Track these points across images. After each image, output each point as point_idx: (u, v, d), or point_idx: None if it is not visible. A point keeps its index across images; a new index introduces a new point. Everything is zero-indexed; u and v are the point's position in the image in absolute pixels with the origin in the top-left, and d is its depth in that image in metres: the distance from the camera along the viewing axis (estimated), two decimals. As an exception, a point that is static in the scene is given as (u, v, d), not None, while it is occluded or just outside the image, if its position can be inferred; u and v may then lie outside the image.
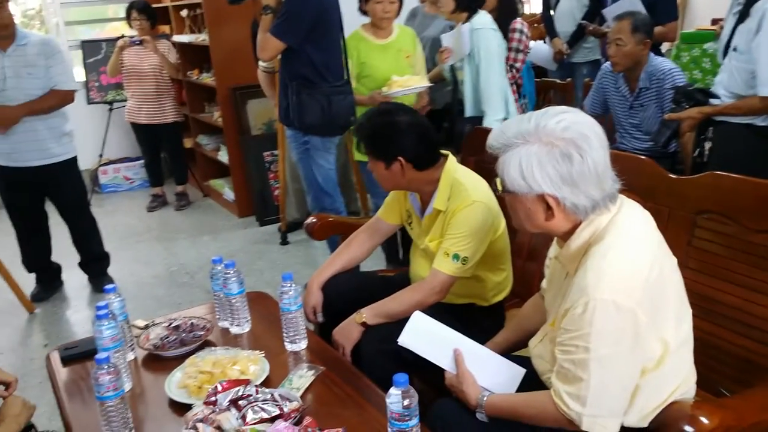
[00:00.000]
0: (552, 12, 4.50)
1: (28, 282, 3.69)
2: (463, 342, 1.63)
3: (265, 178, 4.73)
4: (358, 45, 3.28)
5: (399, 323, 1.70)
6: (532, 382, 1.56)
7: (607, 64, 3.18)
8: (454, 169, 1.99)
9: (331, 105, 3.10)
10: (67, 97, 3.42)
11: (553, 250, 1.60)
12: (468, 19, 3.01)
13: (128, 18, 4.89)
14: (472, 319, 2.03)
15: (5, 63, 3.26)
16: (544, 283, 1.69)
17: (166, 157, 5.37)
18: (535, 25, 5.18)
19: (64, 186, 3.55)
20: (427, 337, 1.65)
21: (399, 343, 1.65)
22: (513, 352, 1.76)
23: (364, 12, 3.28)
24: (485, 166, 2.18)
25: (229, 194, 5.05)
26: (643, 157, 2.07)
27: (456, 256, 1.91)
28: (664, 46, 4.51)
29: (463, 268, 1.92)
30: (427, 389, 1.83)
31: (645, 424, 1.40)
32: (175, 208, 5.25)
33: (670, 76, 2.96)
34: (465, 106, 3.10)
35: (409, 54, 3.37)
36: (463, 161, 2.08)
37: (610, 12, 3.79)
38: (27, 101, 3.28)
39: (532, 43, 4.65)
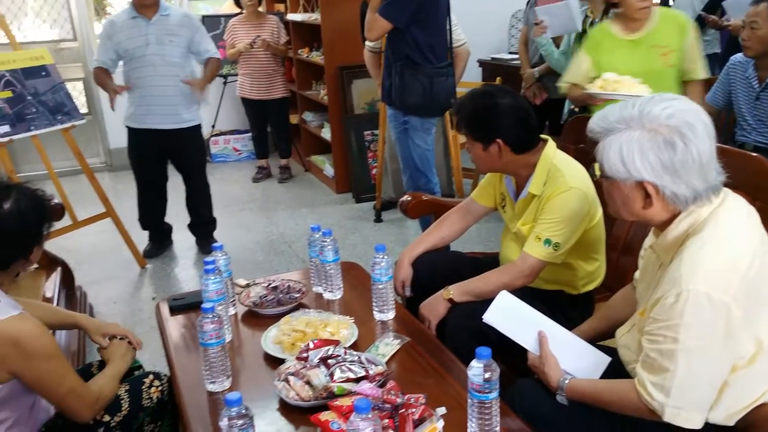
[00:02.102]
0: (671, 2, 4.31)
1: (141, 239, 3.98)
2: (549, 324, 1.64)
3: (364, 157, 4.84)
4: (601, 41, 2.81)
5: (485, 302, 1.73)
6: (616, 371, 1.55)
7: (738, 55, 3.03)
8: (552, 155, 1.98)
9: (433, 86, 3.13)
10: (218, 64, 3.76)
11: (648, 239, 1.57)
12: None
13: None
14: (560, 306, 2.02)
15: (149, 30, 3.52)
16: (636, 274, 1.66)
17: (272, 132, 5.59)
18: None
19: (189, 150, 3.80)
20: (512, 317, 1.67)
21: (484, 320, 1.67)
22: (598, 341, 1.75)
23: (613, 4, 2.83)
24: (585, 154, 2.16)
25: (329, 170, 5.21)
26: (753, 153, 1.97)
27: (548, 242, 1.91)
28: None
29: (554, 253, 1.92)
30: (506, 370, 1.86)
31: (731, 423, 1.37)
32: (278, 181, 5.47)
33: None
34: None
35: (669, 50, 2.73)
36: (562, 148, 2.06)
37: (730, 5, 3.59)
38: (177, 66, 3.59)
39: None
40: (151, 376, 1.80)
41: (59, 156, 4.69)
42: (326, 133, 5.15)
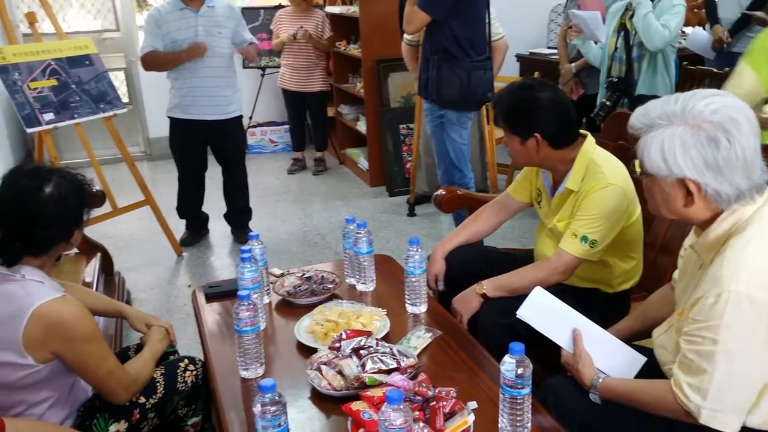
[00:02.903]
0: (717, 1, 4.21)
1: (178, 228, 4.05)
2: (583, 322, 1.62)
3: (399, 150, 4.84)
4: None
5: (518, 298, 1.71)
6: (651, 372, 1.53)
7: None
8: (591, 150, 1.95)
9: (471, 80, 3.12)
10: (257, 48, 3.93)
11: (689, 239, 1.54)
12: None
13: None
14: (595, 304, 1.99)
15: (198, 22, 3.60)
16: (675, 274, 1.63)
17: (309, 124, 5.62)
18: (695, 10, 4.86)
19: (230, 140, 3.86)
20: (546, 313, 1.65)
21: (517, 316, 1.66)
22: (634, 341, 1.72)
23: None
24: (624, 150, 2.12)
25: (363, 163, 5.22)
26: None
27: (584, 238, 1.88)
28: None
29: (590, 251, 1.89)
30: (539, 368, 1.84)
31: (769, 428, 1.34)
32: (313, 173, 5.50)
33: None
34: (638, 83, 3.07)
35: None
36: (601, 144, 2.03)
37: None
38: (223, 57, 3.69)
39: (689, 29, 4.39)
40: (186, 361, 1.83)
41: (100, 144, 4.79)
42: (362, 126, 5.16)
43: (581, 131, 2.00)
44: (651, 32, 3.07)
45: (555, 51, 4.62)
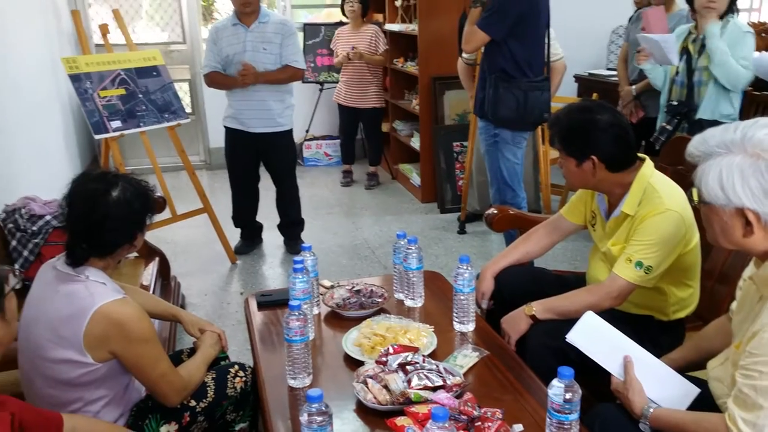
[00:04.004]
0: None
1: (233, 235, 4.15)
2: (635, 349, 1.59)
3: (452, 168, 4.85)
4: None
5: (568, 322, 1.69)
6: (705, 404, 1.49)
7: None
8: (649, 174, 1.92)
9: (527, 100, 3.11)
10: (297, 74, 3.80)
11: (749, 270, 1.50)
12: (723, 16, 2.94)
13: (343, 2, 5.23)
14: (648, 332, 1.95)
15: (247, 38, 3.68)
16: (733, 305, 1.59)
17: (363, 140, 5.69)
18: (763, 34, 4.72)
19: (279, 153, 3.93)
20: (597, 339, 1.63)
21: (567, 340, 1.64)
22: (688, 372, 1.68)
23: None
24: (683, 176, 2.08)
25: (415, 179, 5.24)
26: None
27: (639, 264, 1.85)
28: None
29: (645, 277, 1.86)
30: (587, 394, 1.81)
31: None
32: (365, 187, 5.55)
33: None
34: (699, 108, 3.01)
35: None
36: (659, 169, 1.99)
37: None
38: (264, 71, 3.67)
39: (756, 54, 4.27)
40: (236, 367, 1.87)
41: (162, 152, 4.95)
42: (415, 143, 5.19)
43: (640, 155, 1.97)
44: (732, 77, 3.00)
45: (615, 72, 4.56)
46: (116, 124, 3.44)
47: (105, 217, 1.58)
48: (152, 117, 3.61)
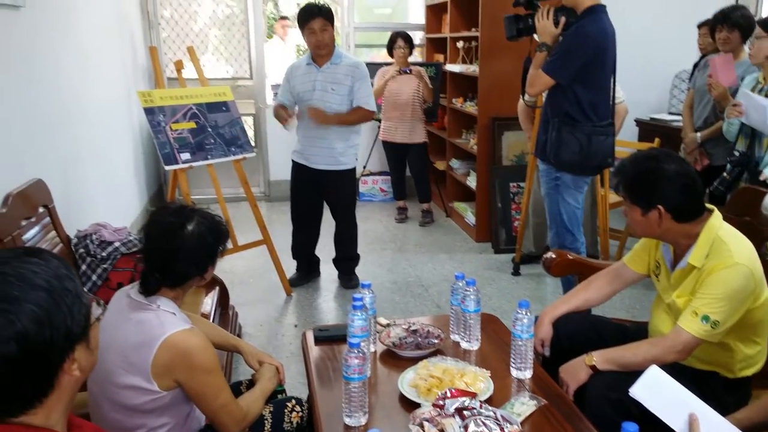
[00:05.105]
0: None
1: (291, 268, 4.21)
2: (702, 407, 1.54)
3: (508, 208, 4.83)
4: None
5: (629, 374, 1.66)
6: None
7: None
8: (718, 226, 1.88)
9: (591, 144, 3.08)
10: (367, 115, 3.88)
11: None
12: None
13: (392, 44, 5.31)
14: (712, 389, 1.89)
15: (318, 77, 3.79)
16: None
17: (412, 176, 5.71)
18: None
19: (340, 190, 4.02)
20: (661, 394, 1.59)
21: (630, 394, 1.60)
22: (755, 433, 1.62)
23: None
24: (750, 226, 2.03)
25: (470, 218, 5.23)
26: None
27: (705, 318, 1.80)
28: None
29: (711, 331, 1.81)
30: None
31: None
32: (419, 224, 5.57)
33: None
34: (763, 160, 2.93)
35: None
36: (726, 219, 1.95)
37: None
38: (335, 113, 3.77)
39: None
40: (293, 401, 1.90)
41: (224, 183, 5.08)
42: (471, 182, 5.20)
43: (708, 206, 1.93)
44: None
45: (677, 117, 4.49)
46: (186, 156, 3.58)
47: (179, 249, 1.65)
48: (220, 150, 3.74)
